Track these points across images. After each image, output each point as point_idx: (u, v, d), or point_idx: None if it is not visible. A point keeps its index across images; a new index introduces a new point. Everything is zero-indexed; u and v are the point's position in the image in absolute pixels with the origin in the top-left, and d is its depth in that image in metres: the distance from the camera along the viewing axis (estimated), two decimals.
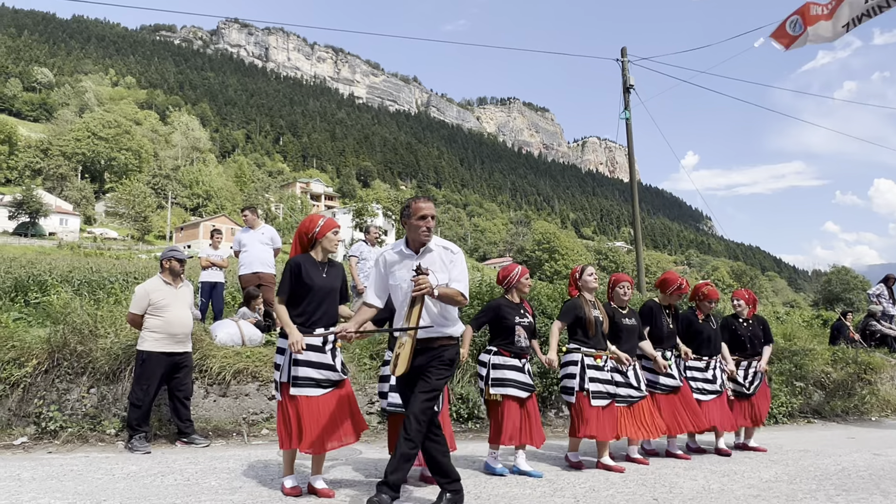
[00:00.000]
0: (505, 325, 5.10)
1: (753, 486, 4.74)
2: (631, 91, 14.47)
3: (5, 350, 6.12)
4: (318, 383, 4.08)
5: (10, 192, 79.31)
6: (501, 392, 4.98)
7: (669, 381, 5.97)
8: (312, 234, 4.29)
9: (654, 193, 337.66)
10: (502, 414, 4.96)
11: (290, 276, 4.16)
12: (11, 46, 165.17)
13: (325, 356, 4.11)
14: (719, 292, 6.85)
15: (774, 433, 7.05)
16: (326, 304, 4.23)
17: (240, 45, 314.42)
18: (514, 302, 5.25)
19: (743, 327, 6.76)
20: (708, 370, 6.32)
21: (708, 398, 6.21)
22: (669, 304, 6.30)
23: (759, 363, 6.67)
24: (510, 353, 5.07)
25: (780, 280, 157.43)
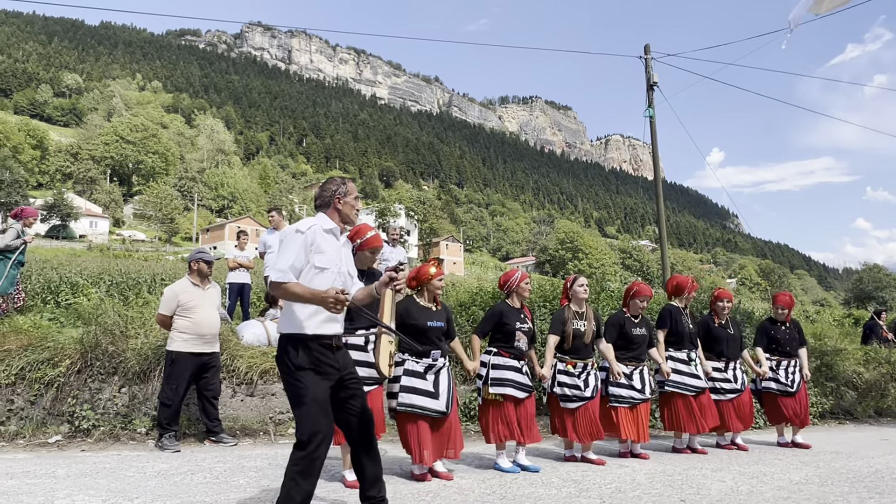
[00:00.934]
0: (506, 330, 5.23)
1: (783, 489, 4.67)
2: (655, 88, 14.33)
3: (40, 350, 6.26)
4: (364, 381, 4.22)
5: (42, 195, 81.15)
6: (500, 392, 5.09)
7: (697, 381, 6.18)
8: (355, 246, 4.49)
9: (679, 191, 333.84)
10: (496, 413, 5.10)
11: None
12: (42, 53, 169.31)
13: (368, 355, 4.36)
14: (731, 292, 7.07)
15: (805, 434, 6.93)
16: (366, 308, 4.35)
17: (263, 49, 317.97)
18: (515, 307, 5.37)
19: (781, 331, 6.93)
20: (727, 370, 6.50)
21: (727, 397, 6.41)
22: (686, 306, 6.49)
23: (799, 364, 6.86)
24: (510, 354, 5.20)
25: (810, 278, 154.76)
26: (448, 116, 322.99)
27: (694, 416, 6.08)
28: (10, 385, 6.09)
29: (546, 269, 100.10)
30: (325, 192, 3.48)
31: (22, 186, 75.55)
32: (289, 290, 3.15)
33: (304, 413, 3.15)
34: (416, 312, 4.74)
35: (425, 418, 4.60)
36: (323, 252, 3.28)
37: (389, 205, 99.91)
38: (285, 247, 3.25)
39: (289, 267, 3.18)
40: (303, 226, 3.29)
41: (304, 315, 3.23)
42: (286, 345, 3.25)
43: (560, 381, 5.49)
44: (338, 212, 3.45)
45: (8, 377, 6.07)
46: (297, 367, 3.18)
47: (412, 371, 4.65)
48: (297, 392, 3.17)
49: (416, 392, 4.59)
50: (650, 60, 14.57)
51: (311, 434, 3.12)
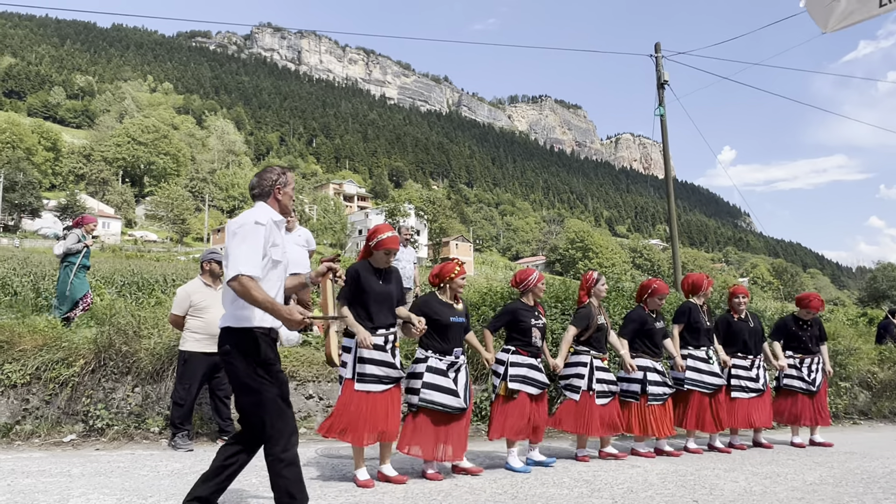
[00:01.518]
0: (522, 327, 5.29)
1: (797, 489, 4.64)
2: (665, 87, 14.26)
3: (54, 350, 6.32)
4: (381, 380, 4.37)
5: (56, 196, 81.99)
6: (519, 388, 5.15)
7: (716, 380, 6.21)
8: (372, 244, 4.55)
9: (690, 190, 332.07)
10: (511, 410, 5.14)
11: (351, 282, 4.42)
12: (55, 56, 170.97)
13: (386, 355, 4.42)
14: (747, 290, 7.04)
15: (821, 431, 6.88)
16: (383, 306, 4.50)
17: (273, 49, 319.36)
18: (530, 305, 5.43)
19: (803, 328, 6.90)
20: (752, 369, 6.48)
21: (750, 396, 6.41)
22: (704, 303, 6.51)
23: (821, 361, 6.86)
24: (528, 352, 5.26)
25: (823, 277, 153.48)
26: (457, 116, 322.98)
27: (713, 415, 6.12)
28: (26, 385, 6.16)
29: (556, 269, 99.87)
30: (264, 182, 3.35)
31: (36, 188, 76.41)
32: (251, 290, 2.97)
33: (276, 408, 3.06)
34: (439, 308, 4.80)
35: (443, 416, 4.64)
36: (277, 245, 3.20)
37: (399, 204, 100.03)
38: (245, 239, 3.06)
39: (258, 259, 3.03)
40: (261, 217, 3.15)
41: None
42: (244, 339, 3.08)
43: (599, 377, 5.54)
44: (277, 202, 3.34)
45: (23, 377, 6.13)
46: (262, 363, 3.07)
47: (435, 368, 4.69)
48: (264, 389, 3.05)
49: (438, 389, 4.63)
50: (660, 59, 14.50)
51: (290, 432, 3.08)
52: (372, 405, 4.33)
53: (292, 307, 3.08)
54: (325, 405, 6.83)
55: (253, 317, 3.10)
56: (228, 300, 3.16)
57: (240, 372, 3.08)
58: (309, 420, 6.71)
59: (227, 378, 3.24)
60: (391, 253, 4.57)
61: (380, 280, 4.52)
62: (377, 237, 4.54)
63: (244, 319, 3.10)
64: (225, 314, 3.17)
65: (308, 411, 6.78)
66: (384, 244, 4.52)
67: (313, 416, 6.75)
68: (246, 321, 3.10)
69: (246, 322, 3.10)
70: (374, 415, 4.32)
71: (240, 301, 3.08)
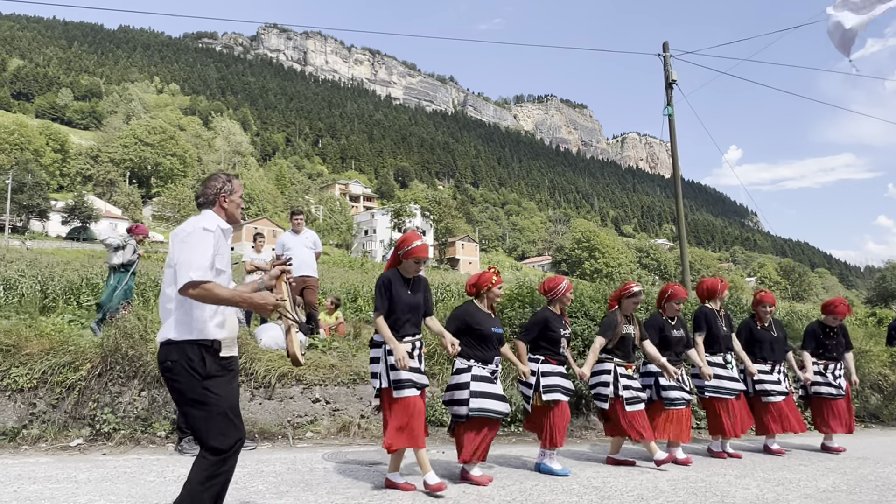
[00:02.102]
0: (552, 337, 5.27)
1: (810, 496, 4.57)
2: (674, 86, 14.17)
3: (61, 355, 6.32)
4: (415, 384, 4.39)
5: (63, 198, 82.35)
6: (553, 398, 5.15)
7: (735, 384, 6.16)
8: (401, 253, 4.56)
9: (697, 189, 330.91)
10: (554, 418, 5.15)
11: (383, 292, 4.44)
12: (62, 58, 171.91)
13: (413, 361, 4.43)
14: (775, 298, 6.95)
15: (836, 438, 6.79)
16: (412, 316, 4.52)
17: (279, 50, 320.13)
18: (557, 313, 5.41)
19: (829, 336, 6.83)
20: (773, 373, 6.44)
21: (777, 399, 6.34)
22: (720, 307, 6.45)
23: (845, 369, 6.80)
24: (556, 360, 5.27)
25: (831, 277, 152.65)
26: (463, 116, 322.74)
27: (733, 420, 6.06)
28: (33, 389, 6.16)
29: (563, 269, 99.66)
30: (208, 190, 3.24)
31: (43, 189, 76.77)
32: (212, 291, 2.88)
33: (221, 422, 2.96)
34: (482, 318, 4.84)
35: (489, 422, 4.72)
36: (222, 254, 3.10)
37: (405, 205, 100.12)
38: (195, 245, 2.97)
39: (207, 265, 2.93)
40: (209, 224, 3.06)
41: (206, 318, 3.00)
42: (187, 352, 2.96)
43: (625, 384, 5.49)
44: (223, 210, 3.24)
45: (30, 381, 6.13)
46: (205, 376, 2.96)
47: (481, 376, 4.72)
48: (208, 401, 2.95)
49: (488, 396, 4.67)
50: (668, 58, 14.40)
51: (236, 440, 2.99)
52: (414, 408, 4.35)
53: (263, 293, 3.01)
54: (331, 409, 6.80)
55: (197, 328, 2.99)
56: (170, 309, 3.03)
57: (184, 387, 2.96)
58: (315, 424, 6.68)
59: (170, 394, 3.07)
60: (421, 262, 4.58)
61: (408, 290, 4.52)
62: (407, 246, 4.52)
63: (189, 330, 2.98)
64: (165, 325, 3.04)
65: (315, 415, 6.75)
66: (414, 253, 4.51)
67: (320, 420, 6.72)
68: (188, 333, 2.98)
69: (189, 333, 2.98)
70: (418, 418, 4.34)
71: (184, 309, 2.98)
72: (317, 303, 9.53)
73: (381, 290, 4.45)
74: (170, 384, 3.03)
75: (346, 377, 6.95)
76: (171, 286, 3.03)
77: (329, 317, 10.27)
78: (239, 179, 3.40)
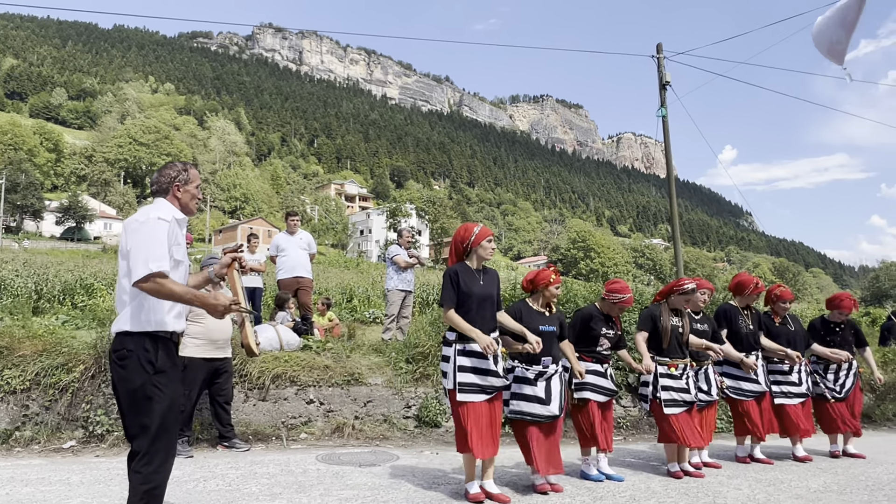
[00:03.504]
0: (592, 335, 5.16)
1: (801, 497, 4.60)
2: (668, 88, 14.21)
3: (54, 356, 6.30)
4: (483, 389, 4.20)
5: (58, 198, 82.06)
6: (580, 396, 5.05)
7: (755, 386, 5.96)
8: (468, 244, 4.38)
9: (692, 189, 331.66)
10: (585, 418, 5.06)
11: (452, 284, 4.25)
12: (57, 57, 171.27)
13: (487, 362, 4.21)
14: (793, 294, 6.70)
15: (823, 439, 6.82)
16: (485, 309, 4.31)
17: (274, 50, 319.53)
18: (604, 314, 5.26)
19: (834, 332, 6.61)
20: (792, 373, 6.20)
21: (794, 402, 6.14)
22: (747, 306, 6.22)
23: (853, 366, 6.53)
24: (592, 358, 5.13)
25: (826, 276, 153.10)
26: (459, 116, 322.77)
27: (754, 422, 5.89)
28: (26, 390, 6.14)
29: (559, 269, 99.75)
30: (163, 178, 3.13)
31: (37, 189, 76.50)
32: (167, 286, 2.78)
33: (161, 423, 2.86)
34: (529, 316, 4.67)
35: (537, 425, 4.55)
36: (180, 244, 3.01)
37: (401, 204, 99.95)
38: (150, 235, 2.85)
39: (164, 256, 2.82)
40: (163, 213, 2.95)
41: (163, 309, 2.92)
42: (143, 344, 2.87)
43: (664, 384, 5.26)
44: (177, 199, 3.13)
45: (23, 382, 6.11)
46: (157, 370, 2.87)
47: (522, 378, 4.59)
48: (154, 398, 2.85)
49: (525, 399, 4.55)
50: (662, 59, 14.45)
51: (168, 453, 2.91)
52: (477, 415, 4.16)
53: (217, 293, 2.93)
54: (325, 410, 6.81)
55: (155, 319, 2.91)
56: (126, 301, 2.93)
57: (132, 379, 2.85)
58: (309, 425, 6.68)
59: (115, 385, 2.95)
60: (491, 243, 4.42)
61: (480, 281, 4.33)
62: (472, 235, 4.37)
63: (146, 322, 2.89)
64: (121, 316, 2.94)
65: (308, 416, 6.75)
66: (483, 234, 4.37)
67: (314, 421, 6.72)
68: (147, 324, 2.89)
69: (148, 325, 2.89)
70: (479, 425, 4.15)
71: (140, 301, 2.89)
72: (311, 304, 9.53)
73: (449, 281, 4.24)
74: (118, 375, 2.91)
75: (340, 378, 6.95)
76: (126, 277, 2.90)
77: (322, 318, 10.26)
78: (196, 169, 3.29)
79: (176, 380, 3.01)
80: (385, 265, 8.78)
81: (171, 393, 2.93)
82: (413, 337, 7.86)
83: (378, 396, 6.99)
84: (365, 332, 11.14)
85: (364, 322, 13.61)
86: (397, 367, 7.29)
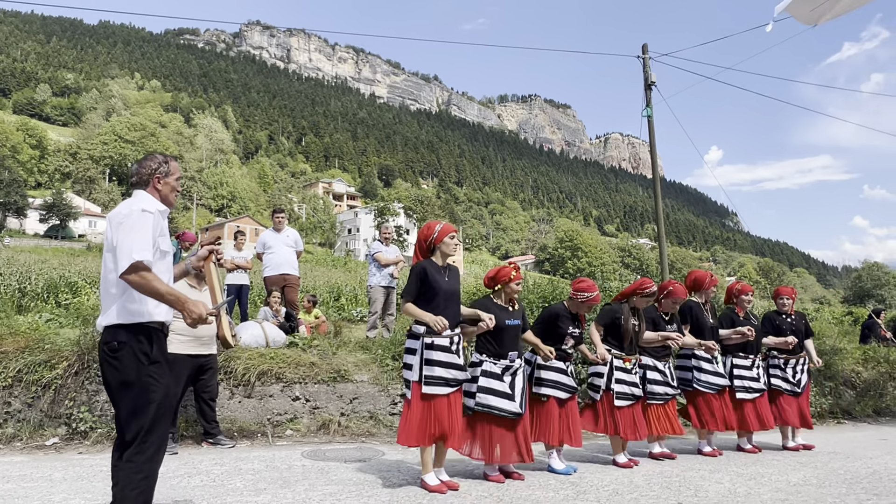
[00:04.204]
0: (558, 333, 5.28)
1: (781, 490, 4.67)
2: (653, 88, 14.32)
3: (37, 353, 6.25)
4: (448, 382, 4.34)
5: (41, 195, 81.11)
6: (539, 392, 5.17)
7: (718, 380, 6.15)
8: (430, 241, 4.53)
9: (679, 189, 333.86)
10: (541, 414, 5.17)
11: (417, 279, 4.39)
12: (41, 52, 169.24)
13: (453, 356, 4.39)
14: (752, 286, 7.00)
15: (803, 434, 6.92)
16: (451, 305, 4.45)
17: (262, 47, 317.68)
18: (572, 313, 5.39)
19: (787, 323, 6.83)
20: (753, 368, 6.41)
21: (753, 396, 6.33)
22: (706, 301, 6.45)
23: (806, 360, 6.76)
24: (555, 356, 5.22)
25: (809, 276, 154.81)
26: (447, 115, 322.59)
27: (716, 415, 6.08)
28: (8, 387, 6.08)
29: (546, 268, 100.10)
30: (143, 170, 3.14)
31: (21, 186, 75.54)
32: (151, 282, 2.78)
33: (157, 413, 2.87)
34: (495, 311, 4.77)
35: (500, 419, 4.67)
36: (164, 235, 3.04)
37: (389, 203, 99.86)
38: (134, 227, 2.86)
39: (150, 247, 2.82)
40: (146, 205, 2.97)
41: (152, 301, 2.91)
42: (137, 335, 2.88)
43: (618, 377, 5.45)
44: (157, 192, 3.14)
45: (5, 379, 6.06)
46: (153, 361, 2.89)
47: (490, 372, 4.70)
48: (150, 389, 2.86)
49: (493, 393, 4.65)
50: (648, 60, 14.55)
51: (161, 442, 2.92)
52: (438, 408, 4.32)
53: (198, 302, 2.95)
54: (311, 407, 6.80)
55: (145, 311, 2.91)
56: (114, 294, 2.92)
57: (126, 371, 2.86)
58: (295, 422, 6.68)
59: (107, 379, 2.94)
60: (454, 236, 4.57)
61: (445, 277, 4.50)
62: (433, 232, 4.53)
63: (136, 314, 2.90)
64: (109, 310, 2.93)
65: (294, 413, 6.74)
66: (445, 232, 4.53)
67: (300, 418, 6.72)
68: (138, 316, 2.90)
69: (139, 317, 2.90)
70: (439, 417, 4.31)
71: (129, 294, 2.88)
72: (297, 301, 9.53)
73: (416, 276, 4.40)
74: (110, 368, 2.90)
75: (326, 375, 6.95)
76: (113, 272, 2.91)
77: (308, 315, 10.25)
78: (177, 161, 3.28)
79: (169, 370, 3.03)
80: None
81: (165, 383, 2.95)
82: (399, 334, 7.88)
83: (364, 393, 7.00)
84: (352, 330, 11.14)
85: (351, 321, 13.60)
86: (383, 363, 7.30)
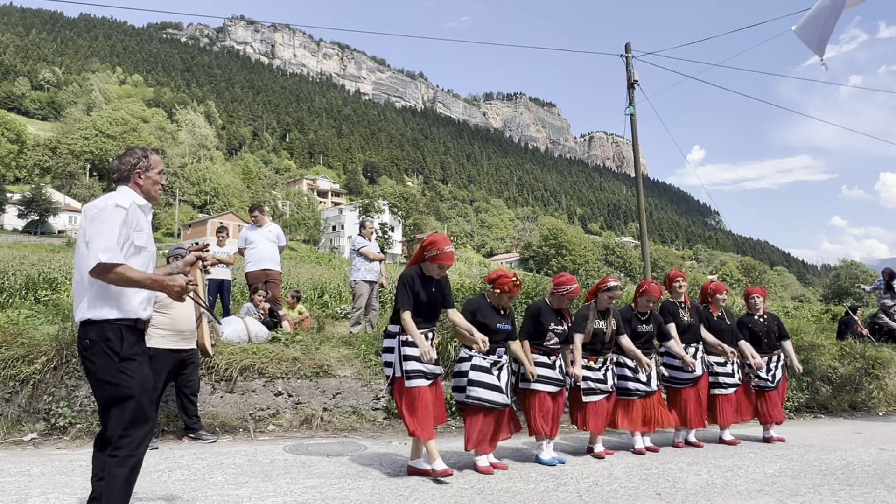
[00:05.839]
0: (541, 329, 5.36)
1: (757, 481, 4.75)
2: (636, 87, 14.43)
3: (15, 347, 6.18)
4: (426, 375, 4.52)
5: (20, 190, 79.86)
6: (525, 386, 5.27)
7: (690, 374, 6.25)
8: (430, 255, 4.62)
9: (662, 188, 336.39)
10: (530, 407, 5.26)
11: (407, 288, 4.58)
12: (20, 45, 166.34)
13: (433, 352, 4.56)
14: (727, 287, 7.13)
15: (780, 428, 7.03)
16: (432, 312, 4.72)
17: (246, 43, 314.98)
18: (554, 308, 5.46)
19: (759, 324, 6.93)
20: (727, 364, 6.54)
21: (728, 392, 6.48)
22: (684, 300, 6.54)
23: (781, 357, 6.88)
24: (539, 350, 5.34)
25: (790, 275, 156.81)
26: (432, 112, 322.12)
27: (691, 411, 6.20)
28: None
29: (530, 266, 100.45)
30: (123, 165, 3.10)
31: None
32: (123, 274, 2.77)
33: (135, 408, 2.86)
34: (487, 312, 4.95)
35: (489, 411, 4.80)
36: (142, 230, 3.00)
37: (373, 200, 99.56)
38: (104, 223, 2.85)
39: (116, 245, 2.80)
40: (122, 200, 2.93)
41: (128, 295, 2.92)
42: (105, 332, 2.86)
43: (584, 375, 5.60)
44: (139, 186, 3.11)
45: None
46: (123, 358, 2.86)
47: (479, 366, 4.81)
48: (126, 384, 2.85)
49: (483, 386, 4.76)
50: (631, 59, 14.66)
51: (144, 436, 2.90)
52: (426, 398, 4.50)
53: (174, 276, 2.92)
54: (294, 402, 6.80)
55: (115, 308, 2.89)
56: (86, 290, 2.90)
57: (99, 368, 2.87)
58: (278, 417, 6.67)
59: (86, 374, 2.97)
60: (444, 268, 4.69)
61: (431, 287, 4.66)
62: (435, 250, 4.60)
63: (105, 311, 2.88)
64: (81, 305, 2.92)
65: (277, 408, 6.73)
66: (440, 259, 4.61)
67: (282, 413, 6.71)
68: (108, 313, 2.88)
69: (108, 314, 2.88)
70: (427, 407, 4.49)
71: (97, 288, 2.87)
72: (280, 296, 9.50)
73: (405, 286, 4.57)
74: (85, 364, 2.93)
75: (309, 370, 6.95)
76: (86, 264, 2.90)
77: (292, 311, 10.22)
78: (158, 155, 3.25)
79: (144, 365, 2.99)
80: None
81: (140, 378, 2.91)
82: (382, 329, 7.88)
83: (347, 388, 7.01)
84: (335, 326, 11.12)
85: (335, 317, 13.57)
86: (366, 359, 7.31)
